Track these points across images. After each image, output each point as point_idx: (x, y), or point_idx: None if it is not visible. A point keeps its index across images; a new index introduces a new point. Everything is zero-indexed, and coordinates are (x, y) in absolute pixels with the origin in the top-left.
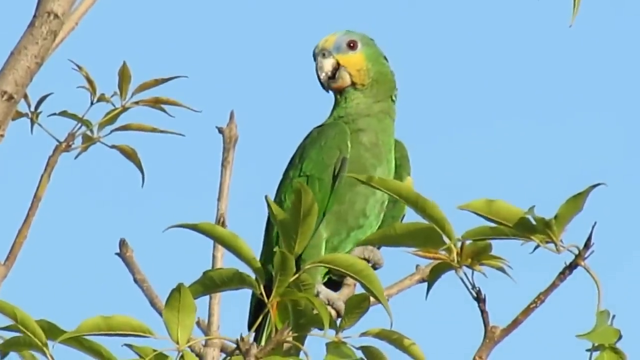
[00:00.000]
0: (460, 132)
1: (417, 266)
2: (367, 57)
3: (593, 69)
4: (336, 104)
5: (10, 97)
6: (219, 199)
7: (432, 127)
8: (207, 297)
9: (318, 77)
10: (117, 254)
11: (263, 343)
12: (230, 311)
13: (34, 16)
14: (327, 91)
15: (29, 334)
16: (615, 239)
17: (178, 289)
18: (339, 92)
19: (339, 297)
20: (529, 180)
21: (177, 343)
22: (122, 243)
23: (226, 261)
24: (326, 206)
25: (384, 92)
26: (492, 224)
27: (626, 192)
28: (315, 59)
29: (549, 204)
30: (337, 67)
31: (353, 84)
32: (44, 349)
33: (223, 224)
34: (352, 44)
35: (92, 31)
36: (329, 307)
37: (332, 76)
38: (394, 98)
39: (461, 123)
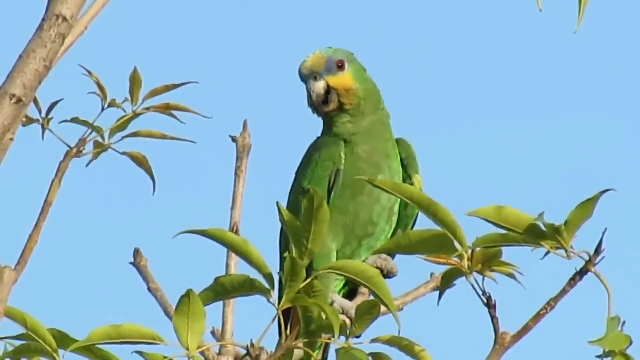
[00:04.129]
0: (461, 131)
1: (431, 274)
2: (354, 76)
3: (599, 66)
4: (325, 125)
5: (19, 100)
6: (232, 208)
7: (431, 127)
8: (221, 305)
9: (311, 101)
10: (131, 263)
11: None
12: (246, 320)
13: (43, 19)
14: (319, 115)
15: (40, 340)
16: (623, 242)
17: (187, 295)
18: (328, 115)
19: (353, 306)
20: (531, 179)
21: (188, 349)
22: (137, 252)
23: (240, 270)
24: None
25: (372, 107)
26: (502, 231)
27: (632, 193)
28: (305, 81)
29: (549, 204)
30: (328, 89)
31: (341, 104)
32: (55, 355)
33: (237, 233)
34: (340, 64)
35: (101, 35)
36: (343, 316)
37: (325, 99)
38: (382, 107)
39: (461, 123)
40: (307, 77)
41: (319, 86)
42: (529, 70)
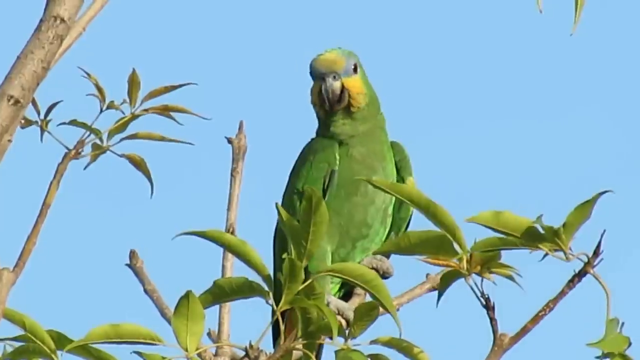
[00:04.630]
0: (458, 133)
1: (427, 275)
2: (363, 79)
3: (597, 68)
4: (321, 126)
5: (17, 102)
6: (228, 209)
7: (428, 129)
8: (217, 306)
9: (322, 98)
10: (127, 264)
11: None
12: (242, 322)
13: (41, 20)
14: (319, 113)
15: (38, 342)
16: (621, 243)
17: (186, 296)
18: (328, 115)
19: (350, 307)
20: (528, 181)
21: (186, 350)
22: (132, 254)
23: (236, 271)
24: None
25: (373, 112)
26: (501, 235)
27: (630, 195)
28: (319, 78)
29: (546, 206)
30: (342, 90)
31: (349, 106)
32: (53, 356)
33: (232, 234)
34: (355, 67)
35: (99, 37)
36: (339, 317)
37: (338, 99)
38: (380, 112)
39: (458, 125)
40: (326, 74)
41: (337, 85)
42: (526, 71)
